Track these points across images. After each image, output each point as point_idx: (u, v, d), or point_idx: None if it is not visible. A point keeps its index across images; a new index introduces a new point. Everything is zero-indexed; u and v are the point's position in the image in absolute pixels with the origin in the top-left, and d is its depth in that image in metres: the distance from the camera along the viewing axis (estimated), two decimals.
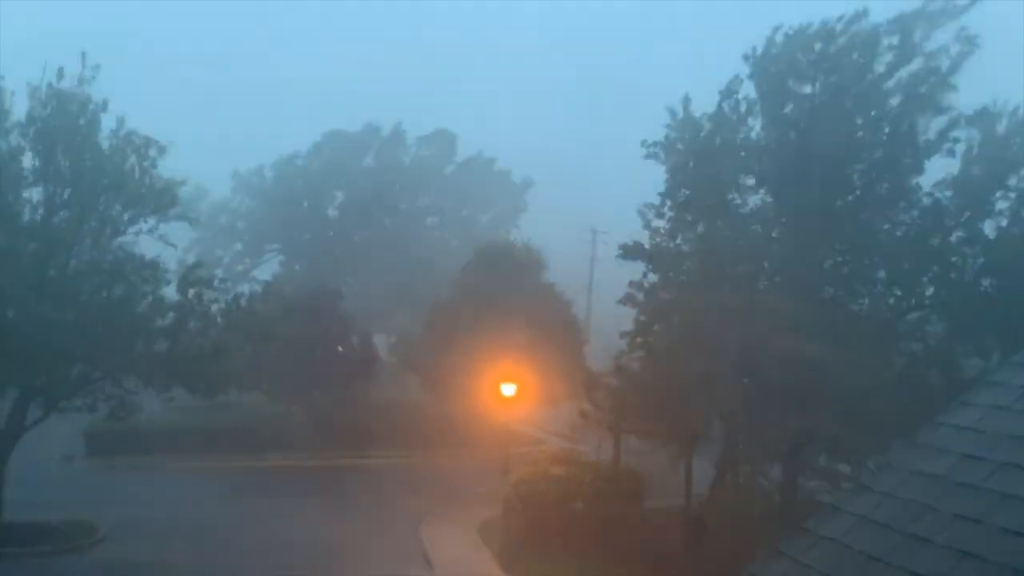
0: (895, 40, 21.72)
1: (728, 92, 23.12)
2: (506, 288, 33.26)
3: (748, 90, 23.24)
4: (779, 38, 22.53)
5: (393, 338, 45.64)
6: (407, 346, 40.04)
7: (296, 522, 25.58)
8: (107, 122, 23.49)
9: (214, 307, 25.44)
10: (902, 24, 21.61)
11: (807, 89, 22.49)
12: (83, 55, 22.80)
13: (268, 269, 53.53)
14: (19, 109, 22.93)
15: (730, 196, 23.64)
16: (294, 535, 24.33)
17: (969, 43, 20.80)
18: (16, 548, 22.17)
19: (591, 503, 23.49)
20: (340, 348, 38.67)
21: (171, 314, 24.66)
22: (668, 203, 24.34)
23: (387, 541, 24.29)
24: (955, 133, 21.79)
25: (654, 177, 24.48)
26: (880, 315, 23.04)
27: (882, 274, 23.30)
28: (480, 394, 31.96)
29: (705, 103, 23.67)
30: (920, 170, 22.25)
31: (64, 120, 22.61)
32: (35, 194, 23.40)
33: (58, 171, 22.98)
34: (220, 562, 22.07)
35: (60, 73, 22.60)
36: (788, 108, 22.74)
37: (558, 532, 22.68)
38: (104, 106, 23.09)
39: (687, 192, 23.79)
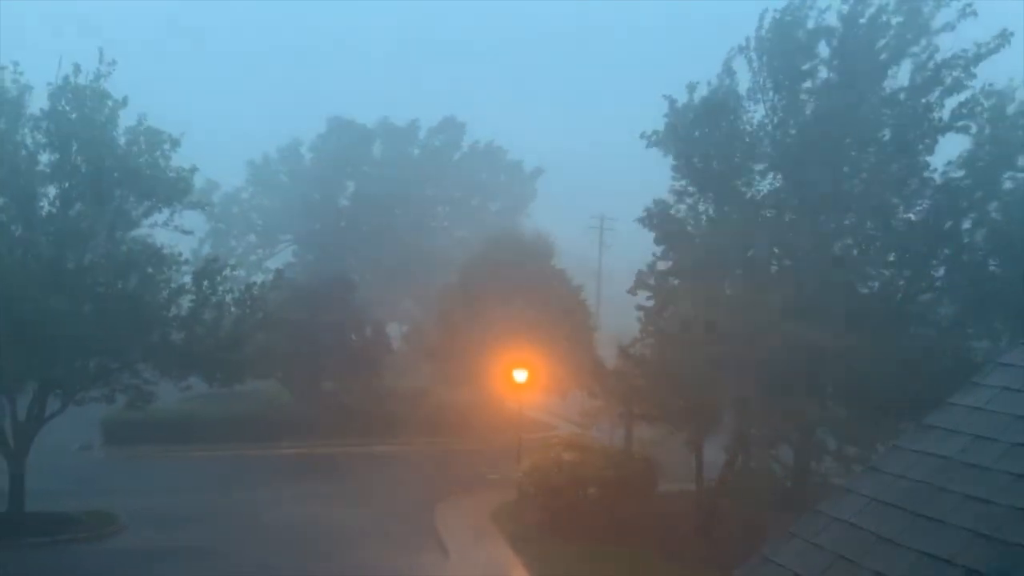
0: (902, 18, 21.64)
1: (727, 70, 23.02)
2: (515, 275, 33.39)
3: (749, 73, 23.17)
4: (768, 21, 22.47)
5: (406, 327, 45.87)
6: (420, 334, 40.24)
7: (312, 508, 25.87)
8: (126, 117, 23.79)
9: (228, 296, 25.63)
10: (910, 4, 21.54)
11: (810, 66, 22.39)
12: (100, 51, 23.06)
13: (282, 259, 53.74)
14: (33, 102, 23.20)
15: (739, 180, 23.60)
16: (310, 520, 24.63)
17: (1003, 38, 20.66)
18: (38, 538, 22.49)
19: (603, 488, 23.64)
20: (353, 336, 38.92)
21: (186, 304, 24.89)
22: (677, 189, 24.33)
23: (401, 526, 24.53)
24: (969, 113, 21.71)
25: (667, 164, 24.46)
26: (890, 298, 23.03)
27: (892, 257, 23.27)
28: (492, 381, 32.13)
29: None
30: (931, 150, 22.20)
31: (81, 115, 22.79)
32: (52, 188, 23.64)
33: (74, 165, 23.19)
34: (239, 547, 22.36)
35: (76, 69, 22.81)
36: (794, 87, 22.64)
37: (571, 517, 22.85)
38: (124, 102, 23.34)
39: (694, 179, 23.76)
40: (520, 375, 30.44)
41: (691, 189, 24.08)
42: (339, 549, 22.45)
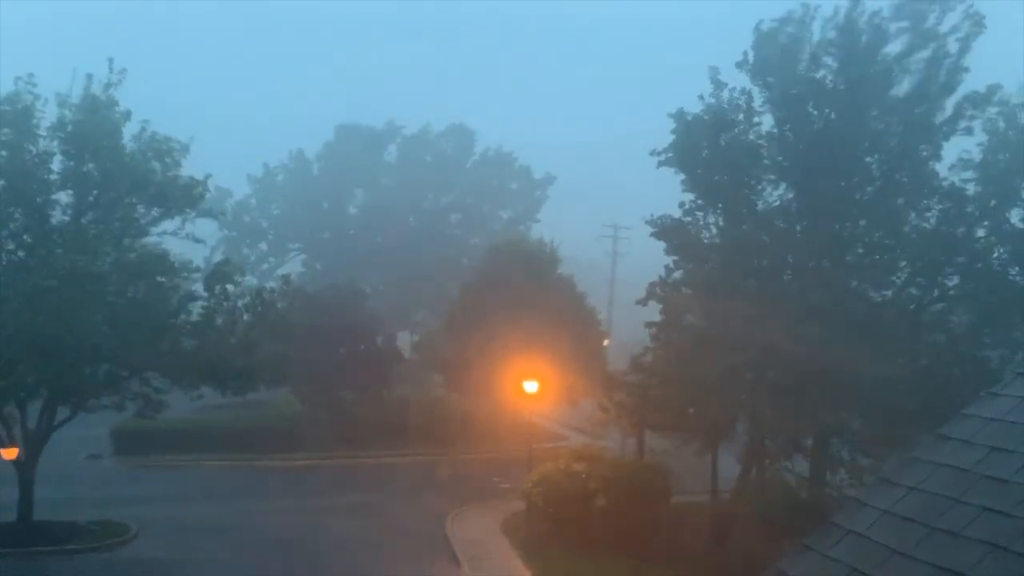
0: (904, 24, 21.47)
1: (717, 85, 22.83)
2: (520, 284, 33.29)
3: (753, 85, 23.02)
4: (767, 27, 22.32)
5: (418, 336, 45.82)
6: (430, 344, 40.17)
7: (322, 518, 25.78)
8: (131, 126, 23.86)
9: (240, 302, 25.56)
10: (912, 8, 21.36)
11: (812, 74, 22.21)
12: (110, 61, 23.17)
13: (293, 268, 54.01)
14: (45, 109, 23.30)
15: (749, 191, 23.42)
16: (320, 531, 24.54)
17: (978, 24, 20.55)
18: (46, 547, 22.46)
19: (614, 499, 23.40)
20: (363, 346, 38.86)
21: (197, 311, 24.84)
22: (689, 201, 24.16)
23: (413, 536, 24.42)
24: (972, 112, 21.49)
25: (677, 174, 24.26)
26: (903, 306, 22.80)
27: (904, 265, 23.04)
28: (502, 390, 31.99)
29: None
30: (938, 156, 22.00)
31: (92, 124, 22.87)
32: (63, 197, 23.71)
33: (86, 174, 23.26)
34: (249, 558, 22.28)
35: (89, 79, 22.93)
36: (798, 98, 22.43)
37: (580, 528, 22.65)
38: (128, 115, 23.42)
39: (704, 192, 23.58)
40: (530, 385, 30.27)
41: (701, 202, 23.90)
42: (350, 560, 22.33)
